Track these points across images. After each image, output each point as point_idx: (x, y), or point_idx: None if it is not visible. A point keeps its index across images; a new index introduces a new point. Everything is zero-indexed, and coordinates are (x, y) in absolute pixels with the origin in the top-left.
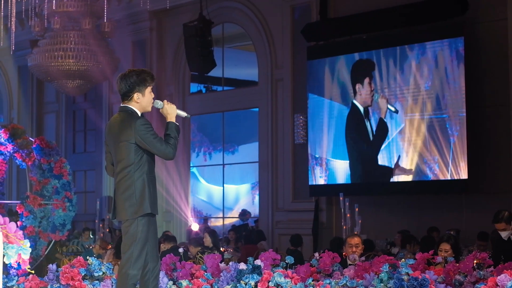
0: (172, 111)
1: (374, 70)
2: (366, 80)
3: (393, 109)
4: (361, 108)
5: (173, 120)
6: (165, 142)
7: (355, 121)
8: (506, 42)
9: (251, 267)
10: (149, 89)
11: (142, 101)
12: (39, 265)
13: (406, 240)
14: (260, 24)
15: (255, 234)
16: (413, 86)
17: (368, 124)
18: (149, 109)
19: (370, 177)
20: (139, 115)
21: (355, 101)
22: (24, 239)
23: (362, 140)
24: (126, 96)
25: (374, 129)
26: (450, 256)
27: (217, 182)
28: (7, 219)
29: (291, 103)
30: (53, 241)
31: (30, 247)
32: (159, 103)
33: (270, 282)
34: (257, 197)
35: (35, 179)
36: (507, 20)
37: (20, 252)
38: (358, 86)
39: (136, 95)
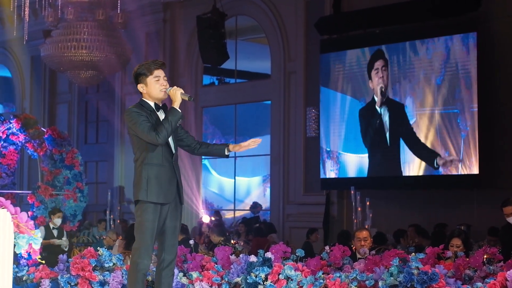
0: (174, 97)
1: (387, 64)
2: (379, 73)
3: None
4: (377, 100)
5: (175, 105)
6: (153, 127)
7: (368, 115)
8: None
9: (261, 259)
10: (151, 77)
11: (147, 90)
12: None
13: (399, 234)
14: (273, 17)
15: (265, 226)
16: (425, 80)
17: (378, 116)
18: (162, 96)
19: (381, 171)
20: (151, 105)
21: (374, 96)
22: (35, 229)
23: (373, 133)
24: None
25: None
26: (461, 251)
27: (228, 174)
28: (18, 208)
29: (304, 96)
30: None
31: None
32: (168, 89)
33: (280, 275)
34: (268, 190)
35: (46, 169)
36: None
37: (30, 242)
38: (372, 76)
39: (139, 87)
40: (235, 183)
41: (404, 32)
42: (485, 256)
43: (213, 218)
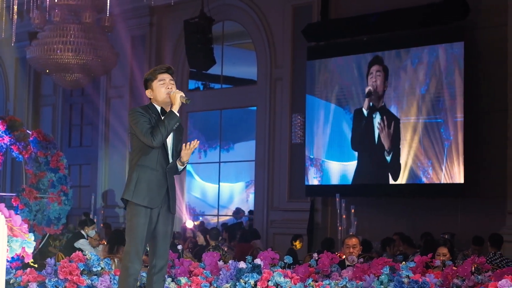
0: (174, 100)
1: (383, 70)
2: (373, 77)
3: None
4: (365, 111)
5: (174, 109)
6: (151, 130)
7: (356, 122)
8: (505, 48)
9: (250, 266)
10: (156, 81)
11: (154, 95)
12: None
13: (387, 242)
14: (260, 22)
15: (249, 232)
16: (410, 89)
17: (365, 119)
18: (168, 100)
19: (366, 178)
20: (158, 109)
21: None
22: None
23: (360, 137)
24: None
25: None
26: (448, 260)
27: (211, 179)
28: (12, 212)
29: (290, 102)
30: (48, 234)
31: None
32: (171, 92)
33: (270, 282)
34: (251, 196)
35: (31, 172)
36: (507, 26)
37: (24, 245)
38: (368, 81)
39: (147, 92)
40: (219, 188)
41: (391, 40)
42: (473, 266)
43: (196, 223)
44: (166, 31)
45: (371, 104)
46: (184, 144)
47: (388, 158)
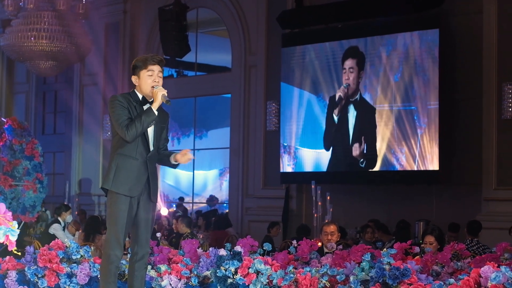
0: (155, 97)
1: (357, 64)
2: (346, 73)
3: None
4: (337, 96)
5: (154, 106)
6: (126, 122)
7: (330, 110)
8: (480, 36)
9: (230, 253)
10: (145, 71)
11: (139, 83)
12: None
13: (364, 229)
14: (234, 10)
15: (223, 220)
16: (384, 77)
17: (339, 111)
18: (151, 93)
19: (340, 166)
20: (140, 97)
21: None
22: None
23: (333, 128)
24: None
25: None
26: (435, 248)
27: (185, 167)
28: None
29: (264, 90)
30: (23, 222)
31: None
32: (156, 87)
33: (250, 269)
34: (224, 183)
35: (6, 159)
36: (482, 14)
37: (8, 233)
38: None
39: (133, 78)
40: (194, 176)
41: (366, 27)
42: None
43: (171, 210)
44: (140, 18)
45: (347, 93)
46: (181, 153)
47: (363, 146)
